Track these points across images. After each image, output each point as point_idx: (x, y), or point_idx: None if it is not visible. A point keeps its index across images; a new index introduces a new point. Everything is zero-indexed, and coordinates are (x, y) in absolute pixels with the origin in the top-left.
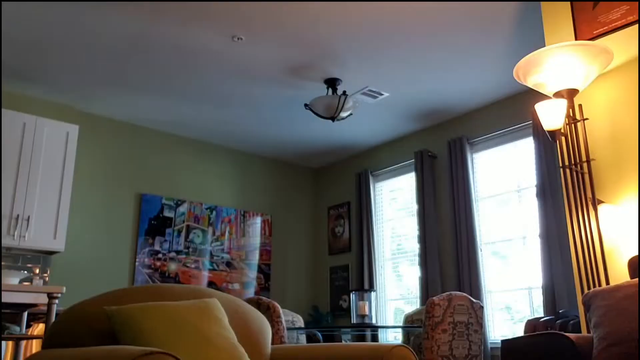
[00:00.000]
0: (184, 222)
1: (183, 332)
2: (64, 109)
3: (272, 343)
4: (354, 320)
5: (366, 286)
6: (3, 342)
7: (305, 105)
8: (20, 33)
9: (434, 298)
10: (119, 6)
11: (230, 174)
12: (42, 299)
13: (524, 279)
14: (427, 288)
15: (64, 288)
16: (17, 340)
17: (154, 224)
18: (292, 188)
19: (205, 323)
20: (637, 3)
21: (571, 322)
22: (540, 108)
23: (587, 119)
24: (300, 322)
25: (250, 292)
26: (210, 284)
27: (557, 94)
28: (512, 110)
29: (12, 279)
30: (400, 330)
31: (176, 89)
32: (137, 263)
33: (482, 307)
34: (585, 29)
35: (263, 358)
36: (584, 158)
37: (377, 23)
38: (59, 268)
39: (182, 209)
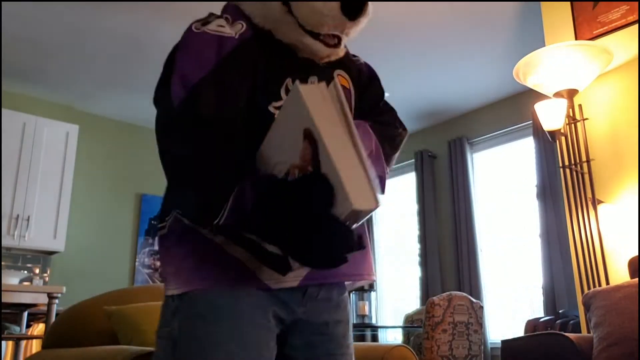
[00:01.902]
0: None
1: None
2: (64, 109)
3: None
4: (353, 320)
5: (366, 286)
6: (3, 342)
7: None
8: (20, 33)
9: (434, 298)
10: (119, 6)
11: None
12: (42, 299)
13: (524, 279)
14: (427, 288)
15: (64, 288)
16: (17, 340)
17: (154, 223)
18: None
19: None
20: (637, 3)
21: (571, 322)
22: (540, 108)
23: (587, 119)
24: None
25: None
26: None
27: (557, 94)
28: (512, 110)
29: (12, 279)
30: (400, 330)
31: None
32: (137, 263)
33: (482, 307)
34: (585, 29)
35: None
36: (583, 158)
37: (376, 23)
38: (59, 268)
39: None
